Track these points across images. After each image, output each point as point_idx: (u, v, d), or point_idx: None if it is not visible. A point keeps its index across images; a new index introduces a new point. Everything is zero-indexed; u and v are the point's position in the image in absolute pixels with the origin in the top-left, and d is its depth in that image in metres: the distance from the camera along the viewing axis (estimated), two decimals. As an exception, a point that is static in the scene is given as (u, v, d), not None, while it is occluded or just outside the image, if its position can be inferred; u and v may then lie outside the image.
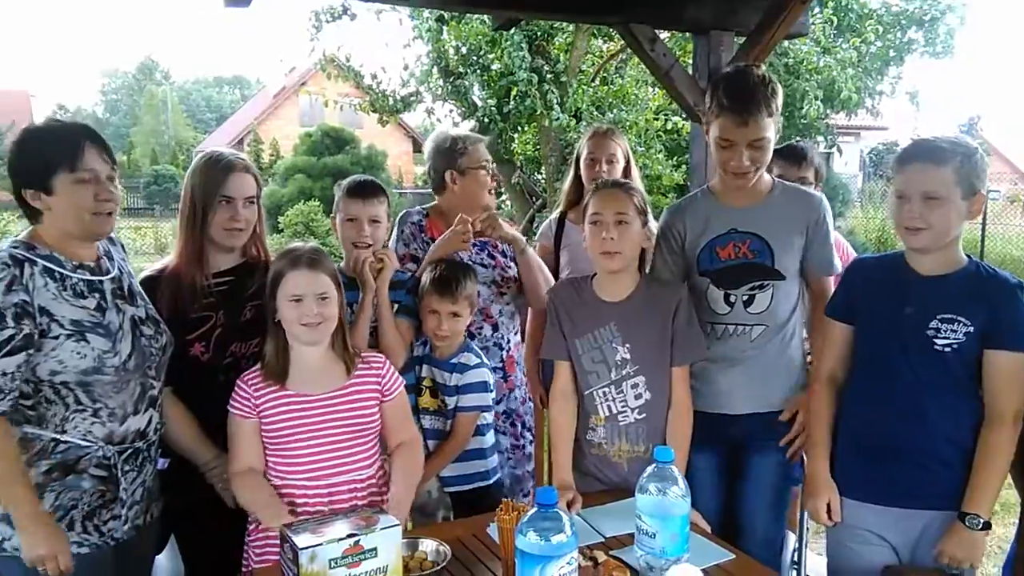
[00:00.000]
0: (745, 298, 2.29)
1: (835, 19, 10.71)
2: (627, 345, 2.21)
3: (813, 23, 10.04)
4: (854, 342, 2.13)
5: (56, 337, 1.84)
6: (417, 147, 28.88)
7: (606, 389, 2.24)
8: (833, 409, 2.18)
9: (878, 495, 2.02)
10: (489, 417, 2.58)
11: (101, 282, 1.97)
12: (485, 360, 2.56)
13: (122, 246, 2.18)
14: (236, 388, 2.04)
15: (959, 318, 1.92)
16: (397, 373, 2.18)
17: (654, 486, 1.67)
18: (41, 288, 1.84)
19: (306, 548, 1.52)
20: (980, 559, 1.94)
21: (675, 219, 2.42)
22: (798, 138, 3.29)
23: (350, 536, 1.56)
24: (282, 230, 13.92)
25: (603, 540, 1.94)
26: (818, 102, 10.29)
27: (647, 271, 2.36)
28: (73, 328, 1.86)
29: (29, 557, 1.82)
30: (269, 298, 2.04)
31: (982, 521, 1.89)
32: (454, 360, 2.50)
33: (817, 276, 2.34)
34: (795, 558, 2.91)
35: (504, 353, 2.80)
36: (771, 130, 2.23)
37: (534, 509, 1.52)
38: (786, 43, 9.69)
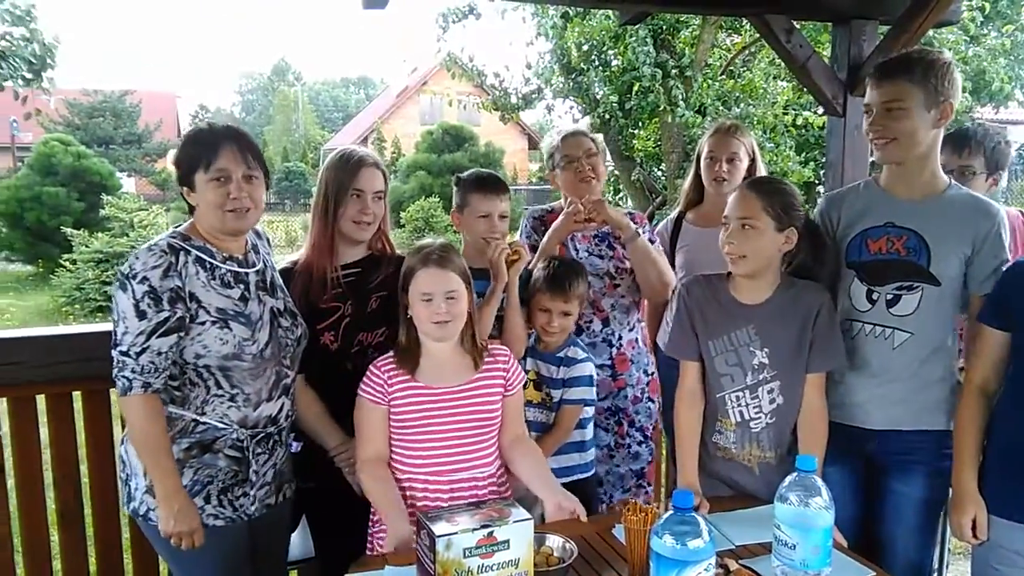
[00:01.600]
0: (889, 297, 2.15)
1: (986, 5, 9.98)
2: (766, 349, 2.13)
3: (963, 10, 9.39)
4: (1009, 351, 1.98)
5: (203, 323, 1.96)
6: (533, 144, 29.08)
7: (740, 393, 2.17)
8: (984, 421, 2.03)
9: None
10: (591, 411, 2.57)
11: (247, 274, 2.09)
12: (590, 354, 2.55)
13: (268, 240, 2.30)
14: (369, 373, 2.09)
15: None
16: (520, 367, 2.19)
17: (795, 496, 1.60)
18: (193, 276, 1.97)
19: (443, 536, 1.55)
20: None
21: (831, 207, 2.32)
22: (974, 124, 2.99)
23: (484, 527, 1.58)
24: (403, 225, 14.33)
25: (733, 548, 1.88)
26: (965, 94, 9.64)
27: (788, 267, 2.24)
28: (218, 315, 1.98)
29: (166, 530, 1.95)
30: (401, 292, 2.09)
31: None
32: (561, 353, 2.51)
33: (978, 292, 2.12)
34: (935, 578, 2.74)
35: (614, 351, 2.76)
36: (916, 98, 2.08)
37: (670, 511, 1.49)
38: (931, 32, 9.10)
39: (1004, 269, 2.08)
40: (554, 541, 1.83)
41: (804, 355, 2.12)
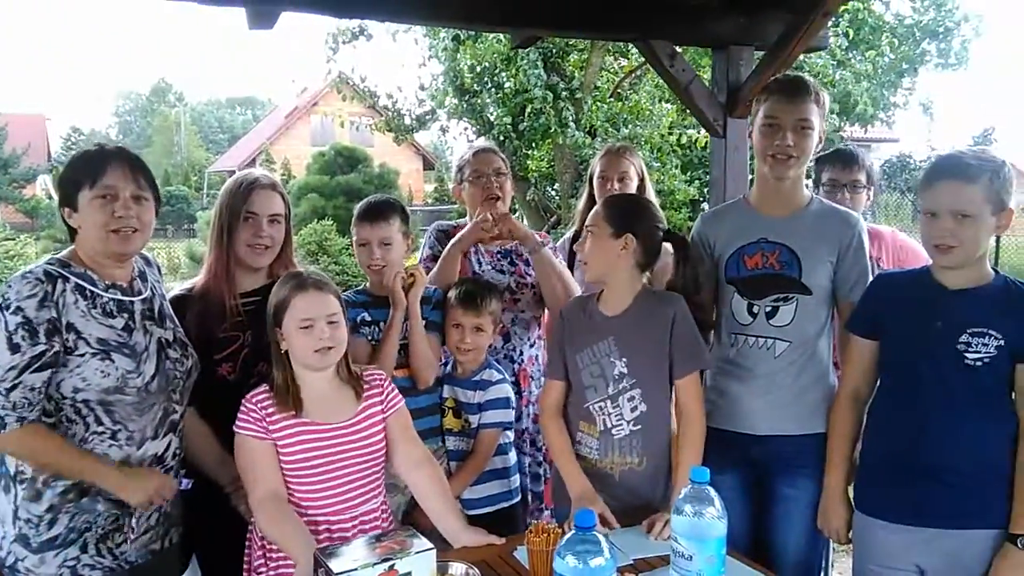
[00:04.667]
0: (768, 309, 2.25)
1: (850, 32, 10.71)
2: (624, 359, 2.17)
3: (830, 36, 10.04)
4: (878, 358, 2.11)
5: (82, 355, 1.85)
6: (428, 165, 29.05)
7: (603, 403, 2.20)
8: (856, 426, 2.16)
9: (906, 515, 1.98)
10: (511, 435, 2.57)
11: (132, 303, 1.98)
12: (507, 376, 2.55)
13: (158, 268, 2.20)
14: (243, 409, 1.98)
15: (990, 331, 1.89)
16: (394, 385, 2.15)
17: (690, 507, 1.65)
18: (71, 305, 1.85)
19: (342, 573, 1.50)
20: None
21: (706, 226, 2.41)
22: (845, 144, 3.25)
23: (385, 560, 1.55)
24: (295, 250, 13.99)
25: (632, 563, 1.91)
26: (833, 116, 10.29)
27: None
28: (99, 347, 1.87)
29: (140, 502, 1.89)
30: (272, 328, 1.99)
31: None
32: (476, 377, 2.50)
33: (846, 299, 2.26)
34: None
35: (516, 366, 2.78)
36: (816, 120, 2.23)
37: (572, 532, 1.49)
38: (802, 57, 9.68)
39: (871, 281, 2.22)
40: (457, 569, 1.80)
41: (664, 362, 2.17)
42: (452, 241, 2.70)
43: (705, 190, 9.17)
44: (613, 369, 2.18)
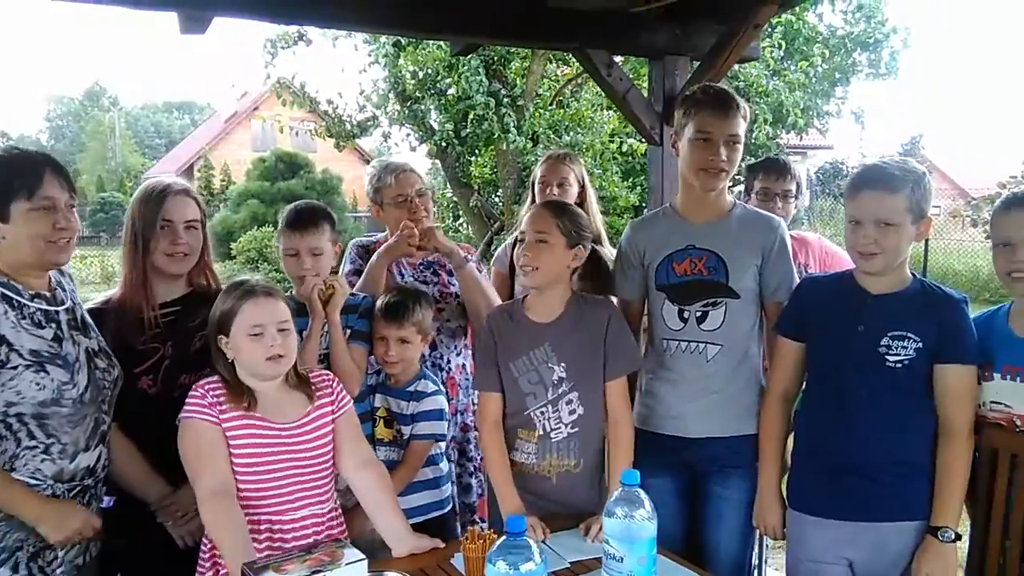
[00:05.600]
0: (698, 315, 2.29)
1: (783, 43, 11.01)
2: (562, 364, 2.20)
3: (762, 47, 10.31)
4: (805, 360, 2.17)
5: (15, 368, 1.79)
6: (374, 171, 28.67)
7: (543, 409, 2.21)
8: (786, 426, 2.23)
9: (834, 510, 2.05)
10: (443, 446, 2.56)
11: (57, 312, 1.93)
12: (442, 388, 2.54)
13: (71, 277, 2.13)
14: (194, 396, 1.92)
15: (909, 335, 1.97)
16: (342, 386, 2.12)
17: (621, 509, 1.67)
18: (1, 316, 1.79)
19: (269, 587, 1.48)
20: (954, 572, 1.97)
21: (636, 234, 2.44)
22: (776, 153, 3.37)
23: (315, 573, 1.53)
24: (235, 257, 13.72)
25: (567, 565, 1.93)
26: (767, 125, 10.55)
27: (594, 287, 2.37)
28: (32, 359, 1.81)
29: (61, 539, 1.82)
30: (216, 337, 1.94)
31: (953, 533, 1.93)
32: (411, 388, 2.47)
33: (772, 300, 2.32)
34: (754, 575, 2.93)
35: (443, 375, 2.77)
36: (743, 134, 2.29)
37: (503, 538, 1.50)
38: (736, 67, 9.92)
39: (798, 284, 2.29)
40: (392, 578, 1.79)
41: (600, 365, 2.20)
42: (378, 252, 2.66)
43: (647, 197, 9.29)
44: (551, 375, 2.19)
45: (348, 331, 2.44)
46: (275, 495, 1.94)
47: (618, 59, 3.65)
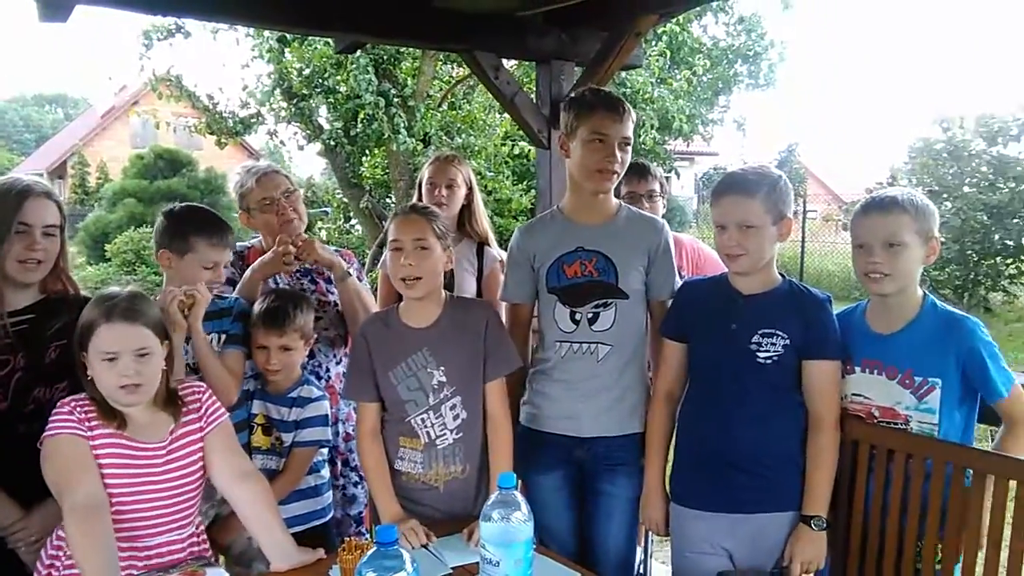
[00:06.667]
0: (590, 316, 2.31)
1: (669, 52, 11.37)
2: (442, 368, 2.18)
3: (649, 55, 10.61)
4: (688, 359, 2.23)
5: None
6: (263, 170, 27.78)
7: (425, 415, 2.19)
8: (671, 424, 2.28)
9: (713, 503, 2.12)
10: (325, 452, 2.49)
11: None
12: (325, 393, 2.47)
13: None
14: (60, 411, 1.79)
15: (777, 332, 2.05)
16: (212, 396, 2.01)
17: (497, 513, 1.66)
18: None
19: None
20: (823, 558, 2.06)
21: (525, 238, 2.44)
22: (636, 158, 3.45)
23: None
24: (110, 259, 12.97)
25: (450, 571, 1.91)
26: (654, 131, 10.86)
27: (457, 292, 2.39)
28: None
29: None
30: (78, 350, 1.82)
31: (824, 521, 2.03)
32: (293, 394, 2.40)
33: (657, 298, 2.37)
34: (640, 569, 2.99)
35: (322, 383, 2.70)
36: (632, 137, 2.33)
37: (373, 548, 1.46)
38: (623, 74, 10.17)
39: (679, 287, 2.35)
40: (265, 593, 1.72)
41: (480, 367, 2.20)
42: (252, 267, 2.57)
43: (538, 199, 9.38)
44: (431, 379, 2.17)
45: (223, 336, 2.34)
46: (134, 519, 1.82)
47: (512, 63, 3.67)
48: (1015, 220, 11.35)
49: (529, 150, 9.60)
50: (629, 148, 2.33)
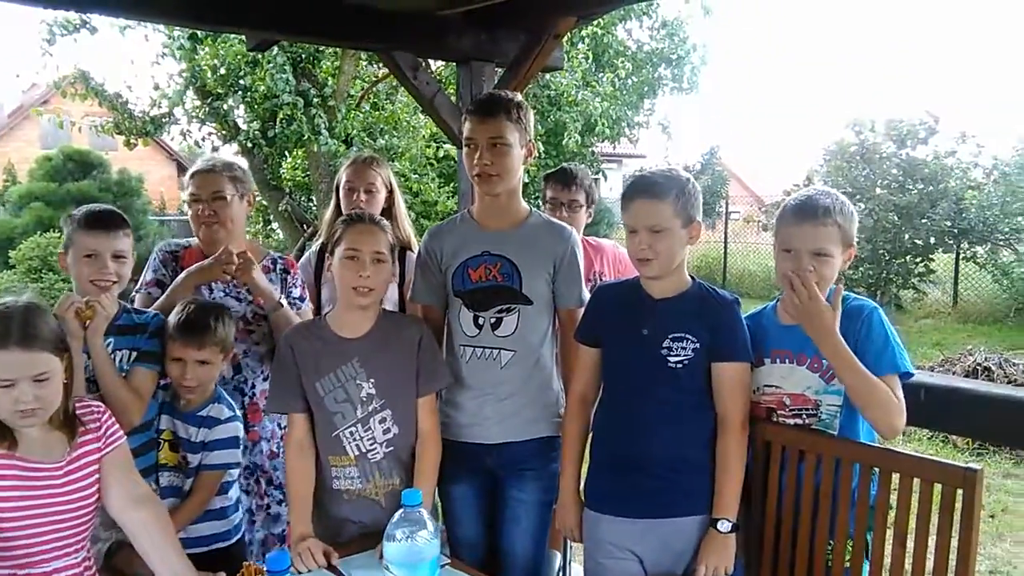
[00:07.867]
0: (493, 320, 2.29)
1: (593, 55, 11.47)
2: (372, 380, 2.14)
3: (574, 58, 10.68)
4: (601, 364, 2.21)
5: None
6: (183, 170, 26.97)
7: (353, 428, 2.15)
8: (585, 429, 2.26)
9: (624, 508, 2.10)
10: (235, 473, 2.39)
11: None
12: (237, 413, 2.36)
13: None
14: None
15: (687, 336, 2.05)
16: (112, 418, 1.88)
17: (401, 532, 1.61)
18: None
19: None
20: (732, 562, 2.05)
21: (433, 240, 2.41)
22: (572, 164, 3.39)
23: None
24: (14, 266, 12.31)
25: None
26: (577, 133, 10.94)
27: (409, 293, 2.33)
28: None
29: None
30: None
31: (732, 524, 2.02)
32: (203, 413, 2.28)
33: (564, 307, 2.36)
34: (561, 575, 2.97)
35: (246, 399, 2.60)
36: (514, 137, 2.27)
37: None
38: (548, 76, 10.21)
39: (593, 292, 2.34)
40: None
41: (412, 382, 2.17)
42: (189, 271, 2.46)
43: (462, 201, 9.34)
44: (360, 391, 2.12)
45: (135, 353, 2.21)
46: (27, 544, 1.70)
47: (439, 64, 3.61)
48: (923, 220, 11.86)
49: (454, 152, 9.55)
50: (506, 148, 2.26)
